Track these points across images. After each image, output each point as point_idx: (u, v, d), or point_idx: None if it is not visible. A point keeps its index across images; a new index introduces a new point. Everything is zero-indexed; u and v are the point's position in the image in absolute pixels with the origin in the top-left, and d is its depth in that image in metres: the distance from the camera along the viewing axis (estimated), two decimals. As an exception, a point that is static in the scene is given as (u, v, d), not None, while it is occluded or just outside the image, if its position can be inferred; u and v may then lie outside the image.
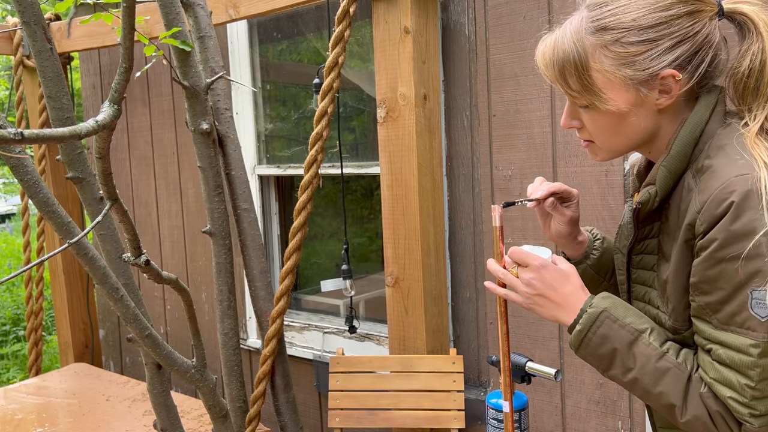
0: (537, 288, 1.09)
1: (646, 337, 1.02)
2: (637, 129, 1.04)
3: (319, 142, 2.20)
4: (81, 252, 1.58)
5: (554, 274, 1.09)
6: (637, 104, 1.00)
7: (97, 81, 3.76)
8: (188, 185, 3.37)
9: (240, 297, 3.14)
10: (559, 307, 1.09)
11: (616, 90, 1.00)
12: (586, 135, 1.10)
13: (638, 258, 1.15)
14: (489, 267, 1.17)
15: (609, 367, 1.05)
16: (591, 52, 0.99)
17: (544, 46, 1.06)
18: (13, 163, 1.51)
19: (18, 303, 6.77)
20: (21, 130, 0.56)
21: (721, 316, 0.96)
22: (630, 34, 0.97)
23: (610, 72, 0.99)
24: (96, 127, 0.64)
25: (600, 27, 0.99)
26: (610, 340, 1.03)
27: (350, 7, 2.16)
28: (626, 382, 1.04)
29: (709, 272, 0.95)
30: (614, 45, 0.97)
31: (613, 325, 1.04)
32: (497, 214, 1.19)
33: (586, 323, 1.05)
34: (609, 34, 0.98)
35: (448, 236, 2.47)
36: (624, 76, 0.98)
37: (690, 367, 1.01)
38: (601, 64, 0.99)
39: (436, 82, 2.35)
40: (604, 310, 1.05)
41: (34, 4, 1.57)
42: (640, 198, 1.06)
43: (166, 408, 2.07)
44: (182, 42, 1.92)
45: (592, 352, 1.06)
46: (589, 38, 0.99)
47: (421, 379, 2.32)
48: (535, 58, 1.08)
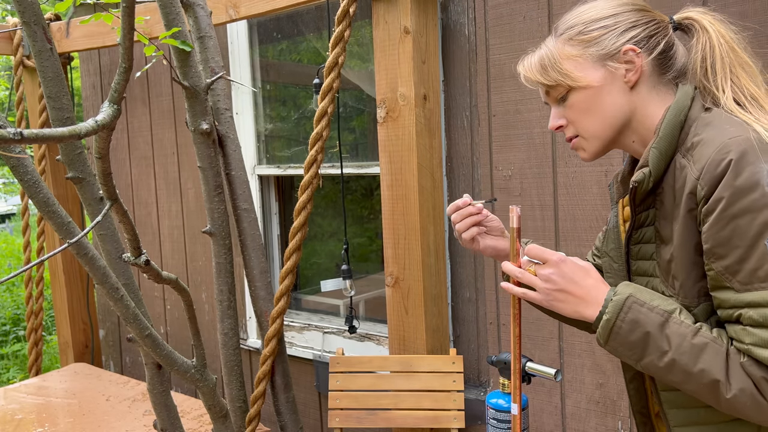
0: (557, 283, 1.09)
1: (677, 317, 1.01)
2: (614, 106, 1.12)
3: (319, 142, 2.20)
4: (81, 252, 1.58)
5: (574, 268, 1.09)
6: (607, 79, 1.12)
7: (97, 81, 3.76)
8: (188, 185, 3.37)
9: (240, 297, 3.14)
10: (582, 300, 1.08)
11: (587, 69, 1.13)
12: (571, 130, 1.18)
13: (636, 248, 1.15)
14: (504, 268, 1.17)
15: (643, 354, 1.03)
16: (560, 47, 1.15)
17: (524, 60, 1.22)
18: (13, 163, 1.51)
19: (18, 303, 6.77)
20: (20, 130, 0.56)
21: (742, 276, 0.95)
22: (590, 25, 1.13)
23: (578, 55, 1.13)
24: (96, 127, 0.64)
25: (565, 28, 1.16)
26: (641, 325, 1.02)
27: (350, 7, 2.16)
28: (663, 367, 1.01)
29: (722, 233, 0.96)
30: (579, 35, 1.14)
31: (641, 308, 1.02)
32: (515, 215, 1.20)
33: (614, 311, 1.04)
34: (573, 30, 1.15)
35: (448, 236, 2.47)
36: (591, 54, 1.12)
37: (726, 342, 0.99)
38: (569, 52, 1.14)
39: (436, 82, 2.35)
40: (630, 296, 1.04)
41: (34, 4, 1.57)
42: (636, 177, 1.09)
43: (166, 408, 2.07)
44: (182, 42, 1.92)
45: (623, 341, 1.04)
46: (558, 39, 1.17)
47: (421, 379, 2.32)
48: (518, 71, 1.23)
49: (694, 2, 1.87)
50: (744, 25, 1.16)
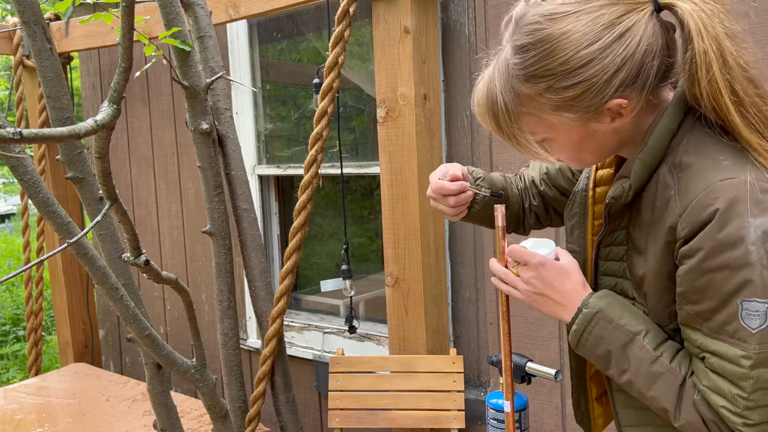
0: (536, 287, 1.09)
1: (640, 340, 1.01)
2: (602, 145, 1.02)
3: (319, 142, 2.20)
4: (81, 252, 1.58)
5: (553, 272, 1.08)
6: (588, 135, 0.99)
7: (96, 81, 3.76)
8: (188, 185, 3.36)
9: (240, 297, 3.14)
10: (559, 305, 1.08)
11: (564, 130, 0.98)
12: (556, 156, 1.08)
13: (607, 250, 1.13)
14: (491, 266, 1.18)
15: (606, 366, 1.05)
16: (525, 101, 0.96)
17: (475, 93, 1.03)
18: (13, 163, 1.51)
19: (18, 303, 6.77)
20: (20, 130, 0.56)
21: (711, 324, 0.93)
22: (561, 80, 0.91)
23: (549, 117, 0.97)
24: (95, 126, 0.64)
25: (529, 76, 0.93)
26: (605, 342, 1.03)
27: (350, 6, 2.16)
28: (623, 383, 1.04)
29: (697, 282, 0.92)
30: (548, 92, 0.93)
31: (607, 326, 1.03)
32: (500, 214, 1.19)
33: (582, 324, 1.05)
34: (541, 83, 0.93)
35: (448, 236, 2.47)
36: (567, 119, 0.95)
37: (684, 372, 0.99)
38: (541, 111, 0.96)
39: (436, 82, 2.35)
40: (599, 311, 1.04)
41: (33, 4, 1.57)
42: (613, 192, 1.03)
43: (165, 408, 2.07)
44: (182, 42, 1.92)
45: (588, 352, 1.06)
46: (522, 88, 0.95)
47: (421, 379, 2.32)
48: (473, 108, 1.04)
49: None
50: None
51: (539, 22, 0.92)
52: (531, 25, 0.93)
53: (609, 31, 0.89)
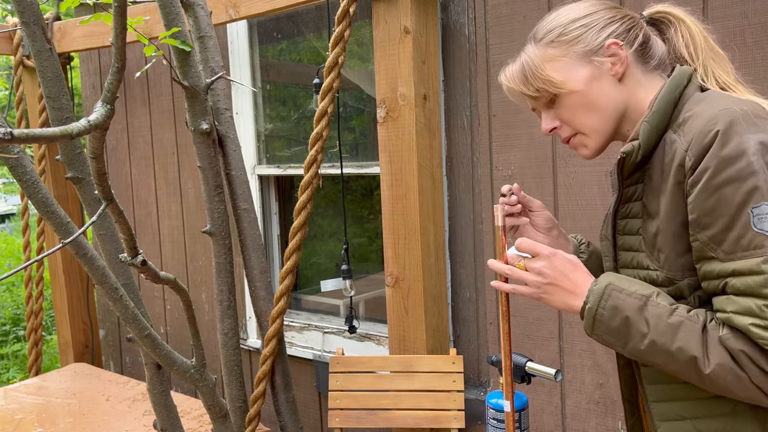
0: (548, 276, 1.11)
1: (654, 299, 1.03)
2: (606, 100, 1.13)
3: (319, 142, 2.20)
4: (80, 252, 1.58)
5: (563, 261, 1.11)
6: (595, 77, 1.13)
7: (96, 81, 3.76)
8: (188, 185, 3.37)
9: (240, 297, 3.14)
10: (570, 293, 1.10)
11: (572, 70, 1.14)
12: (568, 130, 1.19)
13: (623, 223, 1.17)
14: (491, 266, 1.19)
15: (626, 339, 1.05)
16: (541, 52, 1.16)
17: (505, 70, 1.22)
18: (12, 163, 1.51)
19: (18, 303, 6.77)
20: (11, 130, 0.56)
21: (726, 246, 0.96)
22: (569, 26, 1.15)
23: (562, 55, 1.14)
24: (88, 127, 0.64)
25: (544, 32, 1.17)
26: (620, 310, 1.04)
27: (350, 7, 2.16)
28: (645, 350, 1.03)
29: (707, 203, 0.97)
30: (559, 38, 1.15)
31: (620, 295, 1.05)
32: (500, 213, 1.21)
33: (595, 299, 1.07)
34: (552, 33, 1.16)
35: (448, 236, 2.47)
36: (576, 53, 1.13)
37: (702, 319, 1.00)
38: (552, 54, 1.15)
39: (436, 82, 2.35)
40: (609, 284, 1.07)
41: (33, 4, 1.57)
42: (624, 149, 1.10)
43: (166, 408, 2.07)
44: (182, 42, 1.92)
45: (606, 328, 1.06)
46: (538, 45, 1.17)
47: (421, 379, 2.32)
48: (500, 81, 1.23)
49: (694, 3, 1.87)
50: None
51: (548, 14, 1.20)
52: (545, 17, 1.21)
53: (602, 5, 1.18)
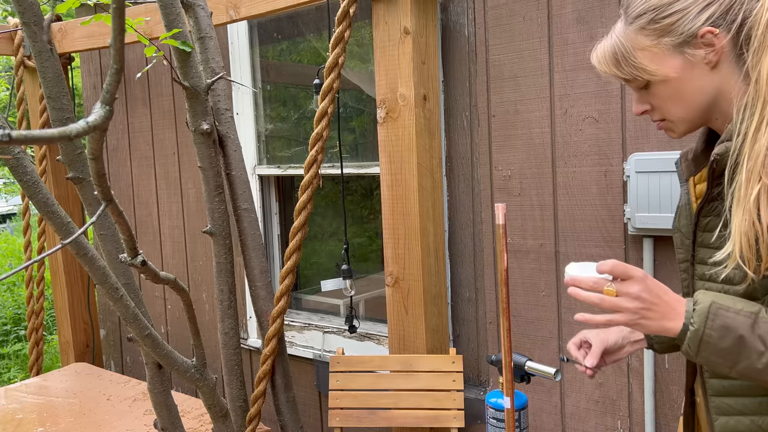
0: (646, 300, 1.04)
1: (763, 314, 1.00)
2: (698, 90, 1.10)
3: (320, 142, 2.20)
4: (80, 252, 1.58)
5: (656, 283, 1.06)
6: (687, 67, 1.09)
7: (97, 81, 3.77)
8: (189, 185, 3.37)
9: (240, 297, 3.14)
10: (666, 316, 1.04)
11: (664, 60, 1.10)
12: (657, 115, 1.16)
13: (705, 221, 1.14)
14: (577, 295, 1.09)
15: (738, 359, 1.00)
16: (633, 37, 1.11)
17: (596, 50, 1.18)
18: (13, 164, 1.52)
19: (19, 303, 6.78)
20: (9, 131, 0.56)
21: None
22: (660, 11, 1.08)
23: (652, 45, 1.09)
24: (87, 128, 0.64)
25: (635, 16, 1.11)
26: (732, 329, 0.99)
27: (350, 7, 2.16)
28: (761, 368, 0.99)
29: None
30: (650, 24, 1.09)
31: (727, 313, 1.00)
32: (500, 212, 1.20)
33: (701, 320, 1.01)
34: (643, 18, 1.10)
35: (448, 236, 2.47)
36: (666, 44, 1.09)
37: None
38: (643, 43, 1.10)
39: (435, 83, 2.35)
40: (712, 303, 1.02)
41: (34, 5, 1.58)
42: (718, 150, 1.08)
43: (166, 407, 2.07)
44: (183, 43, 1.93)
45: (714, 349, 1.01)
46: (629, 28, 1.12)
47: (421, 378, 2.32)
48: (592, 61, 1.20)
49: None
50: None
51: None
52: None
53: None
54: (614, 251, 2.11)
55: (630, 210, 2.01)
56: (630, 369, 2.12)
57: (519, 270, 2.31)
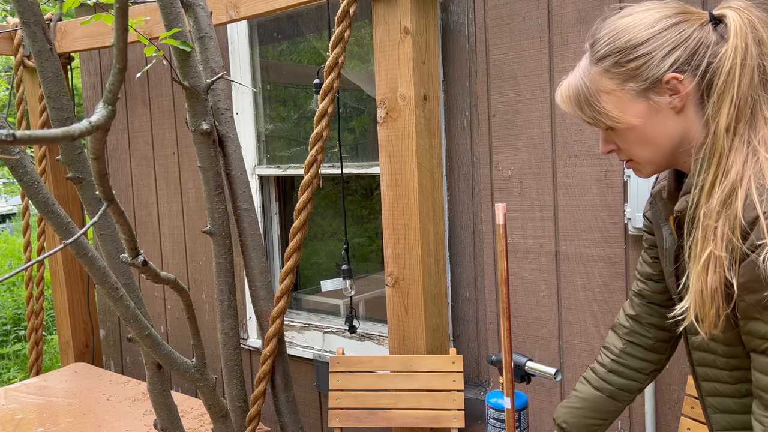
0: None
1: None
2: (663, 134, 1.08)
3: (319, 142, 2.20)
4: (80, 252, 1.58)
5: None
6: (651, 113, 1.07)
7: (97, 81, 3.76)
8: (188, 185, 3.37)
9: (240, 297, 3.14)
10: None
11: (628, 105, 1.07)
12: (624, 155, 1.15)
13: (680, 264, 1.15)
14: None
15: None
16: (597, 79, 1.09)
17: (561, 88, 1.17)
18: (12, 164, 1.52)
19: (19, 303, 6.78)
20: (13, 131, 0.56)
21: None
22: (625, 55, 1.06)
23: (617, 90, 1.07)
24: (90, 128, 0.64)
25: (600, 57, 1.09)
26: None
27: (350, 7, 2.16)
28: None
29: (757, 272, 0.95)
30: (615, 67, 1.07)
31: None
32: (500, 212, 1.20)
33: None
34: (608, 60, 1.08)
35: (448, 236, 2.47)
36: (631, 89, 1.06)
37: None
38: (607, 86, 1.08)
39: (435, 83, 2.35)
40: None
41: (33, 5, 1.58)
42: (679, 207, 1.09)
43: (166, 407, 2.07)
44: (182, 42, 1.92)
45: None
46: (594, 69, 1.10)
47: (421, 378, 2.32)
48: (556, 100, 1.18)
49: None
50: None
51: (610, 22, 1.11)
52: (604, 26, 1.12)
53: (667, 21, 1.05)
54: (614, 251, 2.11)
55: (630, 210, 2.01)
56: (630, 369, 2.12)
57: (519, 270, 2.31)
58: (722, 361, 1.10)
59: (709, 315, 1.01)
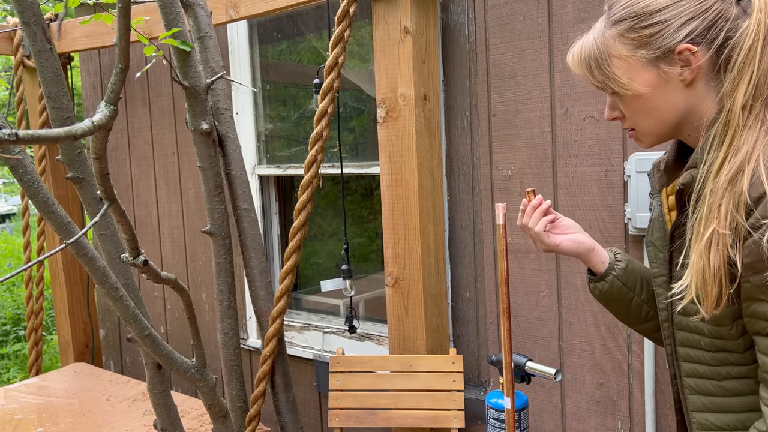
0: None
1: None
2: (669, 106, 1.07)
3: (319, 142, 2.20)
4: (80, 252, 1.58)
5: None
6: (660, 83, 1.06)
7: (97, 81, 3.76)
8: (188, 185, 3.37)
9: (240, 297, 3.14)
10: None
11: (637, 73, 1.06)
12: (628, 123, 1.14)
13: (679, 242, 1.13)
14: None
15: None
16: (611, 43, 1.08)
17: (573, 49, 1.16)
18: (13, 164, 1.52)
19: (18, 303, 6.78)
20: (16, 131, 0.56)
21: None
22: (641, 20, 1.04)
23: (628, 56, 1.06)
24: (92, 127, 0.64)
25: (616, 20, 1.07)
26: None
27: (350, 7, 2.16)
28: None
29: (764, 251, 0.93)
30: (629, 32, 1.06)
31: None
32: (501, 212, 1.20)
33: None
34: (623, 24, 1.06)
35: (448, 236, 2.47)
36: (642, 57, 1.05)
37: None
38: (619, 51, 1.07)
39: (435, 82, 2.35)
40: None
41: (33, 5, 1.58)
42: (683, 180, 1.07)
43: (166, 408, 2.07)
44: (182, 42, 1.92)
45: None
46: (608, 32, 1.09)
47: (421, 378, 2.32)
48: (567, 60, 1.18)
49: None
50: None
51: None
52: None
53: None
54: (615, 251, 2.10)
55: (630, 210, 2.01)
56: (630, 369, 2.12)
57: (519, 270, 2.31)
58: (706, 342, 1.08)
59: (711, 294, 1.00)
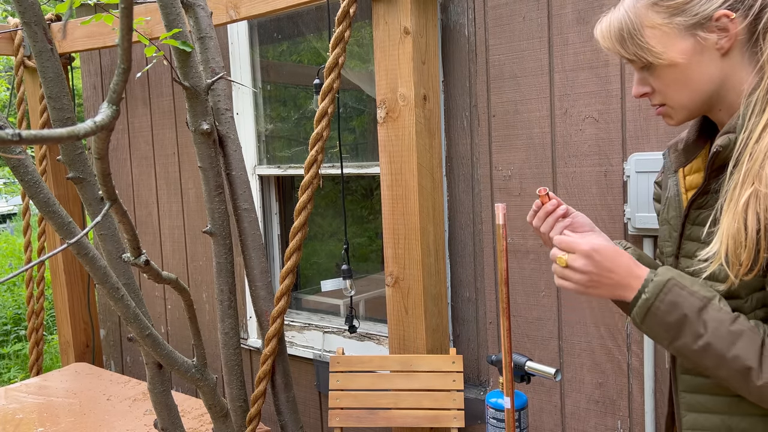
0: (591, 273, 1.06)
1: (716, 303, 1.00)
2: (704, 77, 1.05)
3: (320, 142, 2.20)
4: (81, 252, 1.58)
5: (605, 254, 1.06)
6: (696, 51, 1.03)
7: (98, 81, 3.77)
8: (189, 185, 3.37)
9: (240, 297, 3.14)
10: (619, 284, 1.06)
11: (672, 41, 1.04)
12: (658, 99, 1.11)
13: (696, 213, 1.12)
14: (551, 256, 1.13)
15: (677, 335, 1.02)
16: (643, 13, 1.05)
17: (601, 23, 1.12)
18: (14, 164, 1.52)
19: (19, 303, 6.78)
20: (19, 131, 0.57)
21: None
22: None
23: (663, 24, 1.03)
24: (94, 128, 0.64)
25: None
26: (679, 307, 1.01)
27: (350, 7, 2.16)
28: (696, 351, 1.01)
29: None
30: (664, 0, 1.03)
31: (681, 291, 1.02)
32: (500, 212, 1.20)
33: (653, 291, 1.03)
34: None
35: (448, 236, 2.47)
36: (678, 24, 1.03)
37: (762, 332, 0.98)
38: (653, 20, 1.04)
39: (435, 83, 2.35)
40: (671, 278, 1.03)
41: (34, 5, 1.58)
42: (721, 142, 1.04)
43: (166, 407, 2.07)
44: (183, 43, 1.93)
45: (659, 321, 1.03)
46: (640, 2, 1.06)
47: (421, 378, 2.32)
48: (595, 36, 1.13)
49: None
50: None
51: None
52: None
53: None
54: (614, 251, 2.11)
55: (630, 210, 2.01)
56: (630, 369, 2.12)
57: (519, 270, 2.31)
58: None
59: (746, 259, 0.98)
